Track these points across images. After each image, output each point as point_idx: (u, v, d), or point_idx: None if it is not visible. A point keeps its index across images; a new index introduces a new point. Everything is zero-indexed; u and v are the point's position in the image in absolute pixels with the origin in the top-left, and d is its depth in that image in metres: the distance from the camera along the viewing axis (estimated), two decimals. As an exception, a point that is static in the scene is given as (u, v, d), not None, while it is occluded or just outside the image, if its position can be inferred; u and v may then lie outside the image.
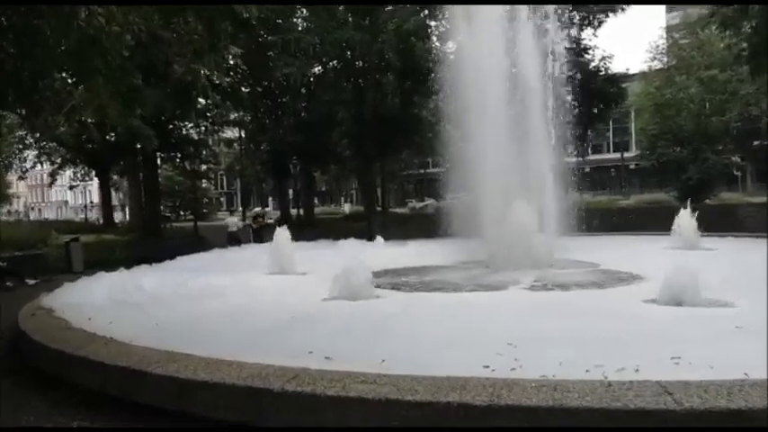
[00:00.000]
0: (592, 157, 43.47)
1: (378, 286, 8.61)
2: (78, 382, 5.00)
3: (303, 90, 28.90)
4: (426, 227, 22.11)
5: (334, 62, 27.90)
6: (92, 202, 59.92)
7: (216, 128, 31.79)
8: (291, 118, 30.78)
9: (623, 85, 29.51)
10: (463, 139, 13.61)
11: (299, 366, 4.13)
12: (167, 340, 5.42)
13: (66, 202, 70.96)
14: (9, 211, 69.68)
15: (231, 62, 15.65)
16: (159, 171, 40.04)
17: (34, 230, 23.90)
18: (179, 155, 27.38)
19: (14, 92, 8.49)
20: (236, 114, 31.88)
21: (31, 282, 13.72)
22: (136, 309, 7.09)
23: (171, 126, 23.35)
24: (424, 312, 6.71)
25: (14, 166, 40.71)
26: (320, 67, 29.03)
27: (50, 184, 45.52)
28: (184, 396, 4.19)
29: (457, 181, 14.47)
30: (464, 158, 13.33)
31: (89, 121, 17.94)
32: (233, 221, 22.02)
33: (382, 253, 13.71)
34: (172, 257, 14.82)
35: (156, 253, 16.04)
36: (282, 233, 11.68)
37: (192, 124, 26.66)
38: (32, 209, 78.43)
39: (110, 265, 14.97)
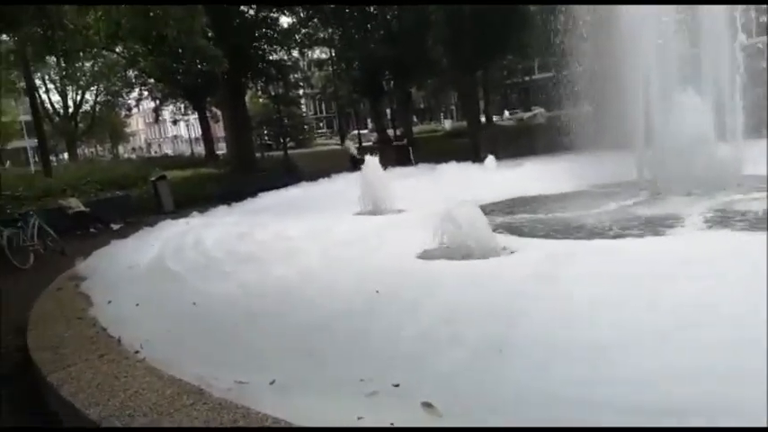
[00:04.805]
0: None
1: (498, 229, 6.30)
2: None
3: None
4: (539, 141, 19.12)
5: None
6: (197, 137, 61.37)
7: (304, 50, 29.96)
8: (381, 29, 28.19)
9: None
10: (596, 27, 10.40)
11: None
12: (190, 338, 3.79)
13: (176, 137, 73.57)
14: (133, 148, 74.04)
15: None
16: (252, 99, 39.66)
17: (139, 168, 23.74)
18: (262, 80, 25.69)
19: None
20: (324, 33, 29.64)
21: (116, 226, 12.90)
22: (177, 280, 5.38)
23: (252, 50, 21.55)
24: (595, 284, 4.03)
25: (120, 105, 41.75)
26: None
27: (155, 120, 46.69)
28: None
29: (584, 82, 11.39)
30: (599, 53, 10.22)
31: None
32: (349, 145, 20.50)
33: (495, 179, 11.19)
34: (261, 191, 13.47)
35: (244, 187, 14.87)
36: (373, 163, 9.51)
37: (276, 46, 24.78)
38: (150, 145, 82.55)
39: (200, 203, 14.07)
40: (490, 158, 13.64)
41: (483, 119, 33.52)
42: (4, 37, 13.94)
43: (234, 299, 4.73)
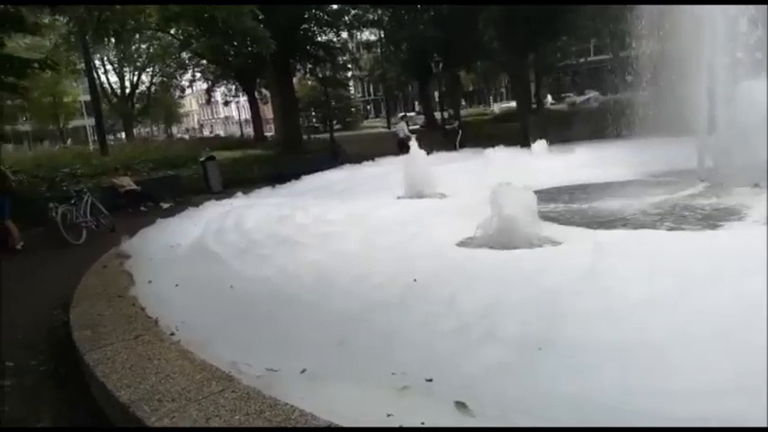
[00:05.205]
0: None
1: (544, 218, 6.03)
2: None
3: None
4: (592, 126, 18.37)
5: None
6: (247, 118, 62.30)
7: (353, 31, 29.81)
8: (431, 10, 27.66)
9: None
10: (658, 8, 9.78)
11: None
12: (225, 322, 3.81)
13: (228, 118, 74.97)
14: (186, 129, 75.96)
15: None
16: (301, 81, 39.84)
17: (192, 148, 24.22)
18: (310, 62, 25.69)
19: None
20: (373, 14, 29.34)
21: (165, 205, 13.20)
22: (217, 262, 5.40)
23: (301, 31, 21.54)
24: (644, 280, 3.76)
25: (174, 86, 42.71)
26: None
27: (207, 101, 47.67)
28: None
29: (643, 65, 10.79)
30: (660, 34, 9.62)
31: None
32: (401, 128, 20.30)
33: (544, 165, 10.80)
34: (306, 173, 13.56)
35: (290, 169, 14.99)
36: (417, 147, 9.33)
37: (325, 27, 24.69)
38: (202, 126, 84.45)
39: (246, 184, 14.27)
40: (539, 143, 13.20)
41: (534, 103, 32.63)
42: (60, 18, 14.36)
43: (271, 283, 4.70)
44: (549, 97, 46.04)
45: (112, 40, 14.33)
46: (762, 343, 2.77)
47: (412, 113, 47.47)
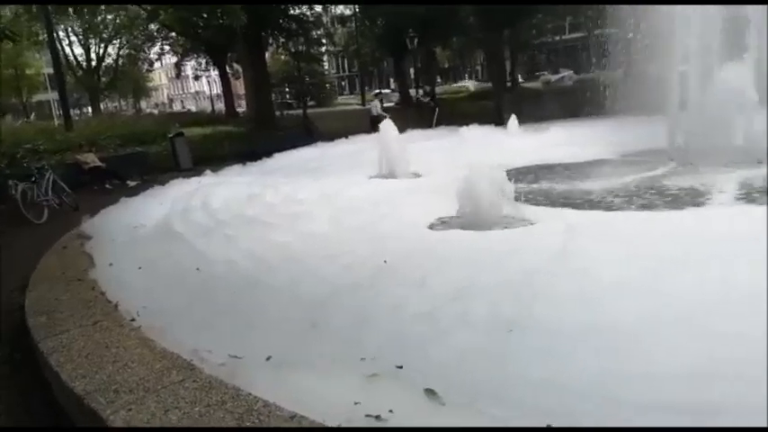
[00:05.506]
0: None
1: (520, 198, 5.98)
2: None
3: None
4: (566, 105, 18.41)
5: None
6: (218, 93, 60.92)
7: (327, 5, 29.19)
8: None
9: None
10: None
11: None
12: (189, 306, 3.68)
13: (198, 93, 73.20)
14: (155, 104, 74.01)
15: None
16: (273, 56, 38.98)
17: (161, 124, 23.51)
18: (283, 35, 25.10)
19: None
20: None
21: (132, 183, 12.85)
22: (182, 243, 5.22)
23: (273, 4, 20.94)
24: (616, 261, 3.74)
25: (142, 59, 41.44)
26: None
27: (177, 75, 46.44)
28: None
29: (617, 44, 10.77)
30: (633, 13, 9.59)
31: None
32: (374, 105, 20.02)
33: (518, 143, 10.77)
34: (278, 151, 13.34)
35: (262, 146, 14.72)
36: (390, 124, 9.19)
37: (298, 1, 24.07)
38: (172, 101, 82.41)
39: (216, 161, 13.97)
40: (513, 121, 13.15)
41: (509, 81, 32.57)
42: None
43: (238, 265, 4.56)
44: (548, 73, 45.78)
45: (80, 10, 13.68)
46: (730, 328, 2.77)
47: (387, 90, 47.08)
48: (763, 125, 6.97)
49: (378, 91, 32.02)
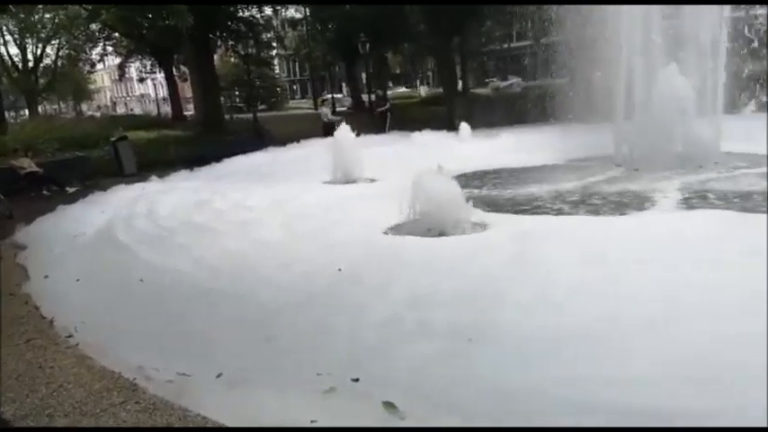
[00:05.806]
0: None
1: (471, 201, 5.98)
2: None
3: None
4: (515, 111, 18.78)
5: None
6: (164, 96, 59.21)
7: (276, 7, 28.78)
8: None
9: None
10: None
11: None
12: (133, 321, 3.34)
13: (143, 95, 70.99)
14: (98, 106, 71.14)
15: None
16: (222, 59, 38.19)
17: (103, 127, 22.59)
18: (232, 38, 24.65)
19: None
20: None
21: (71, 189, 12.20)
22: (125, 252, 4.96)
23: (221, 5, 20.51)
24: (568, 265, 3.77)
25: (83, 60, 39.79)
26: None
27: (121, 77, 44.81)
28: None
29: (563, 53, 11.05)
30: (579, 21, 9.85)
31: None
32: (325, 112, 19.87)
33: (470, 149, 10.86)
34: (227, 156, 13.03)
35: (210, 151, 14.32)
36: (344, 130, 9.08)
37: (246, 3, 23.66)
38: (115, 103, 79.63)
39: (162, 167, 13.48)
40: (464, 127, 13.27)
41: (460, 86, 33.06)
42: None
43: (185, 275, 4.35)
44: (497, 80, 46.48)
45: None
46: (683, 332, 2.81)
47: (339, 95, 46.82)
48: (703, 131, 7.27)
49: (327, 96, 31.80)
